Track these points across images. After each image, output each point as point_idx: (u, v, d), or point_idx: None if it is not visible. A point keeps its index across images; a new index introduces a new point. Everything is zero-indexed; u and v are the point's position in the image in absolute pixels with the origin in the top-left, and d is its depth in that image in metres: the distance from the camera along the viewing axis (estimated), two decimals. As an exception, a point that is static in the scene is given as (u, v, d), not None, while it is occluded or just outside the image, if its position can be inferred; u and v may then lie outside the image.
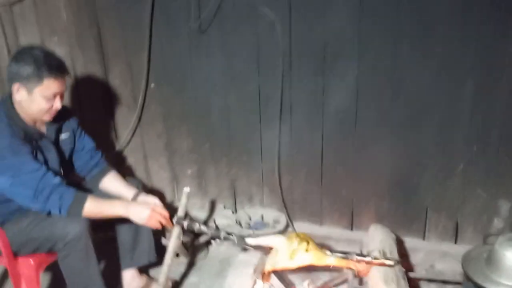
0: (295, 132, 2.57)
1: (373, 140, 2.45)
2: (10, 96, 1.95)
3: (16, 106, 1.94)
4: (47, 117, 1.98)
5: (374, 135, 2.44)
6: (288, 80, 2.45)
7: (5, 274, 2.39)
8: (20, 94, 1.89)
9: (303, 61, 2.40)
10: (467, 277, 1.82)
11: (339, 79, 2.38)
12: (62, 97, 1.98)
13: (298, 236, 1.96)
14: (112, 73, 2.74)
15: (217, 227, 2.75)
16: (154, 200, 2.13)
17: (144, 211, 1.99)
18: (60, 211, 1.87)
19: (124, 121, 2.84)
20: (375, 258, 1.97)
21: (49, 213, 1.89)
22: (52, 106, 1.94)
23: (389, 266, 1.95)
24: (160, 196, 2.92)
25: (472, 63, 2.17)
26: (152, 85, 2.70)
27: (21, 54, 1.91)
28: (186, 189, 2.20)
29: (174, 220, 2.11)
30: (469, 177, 2.37)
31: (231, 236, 2.07)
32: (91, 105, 2.78)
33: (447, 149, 2.36)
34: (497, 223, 2.39)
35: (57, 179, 1.91)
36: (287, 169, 2.66)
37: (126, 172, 2.88)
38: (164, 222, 2.04)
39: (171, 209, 2.18)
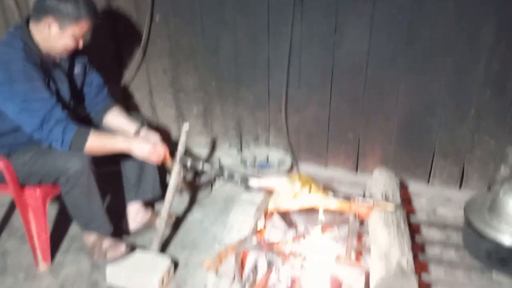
0: (304, 72, 2.49)
1: (384, 82, 2.38)
2: (27, 22, 1.93)
3: (35, 34, 1.92)
4: (66, 54, 2.01)
5: (385, 77, 2.36)
6: (299, 17, 2.33)
7: (13, 204, 2.46)
8: (50, 28, 1.89)
9: (315, -3, 2.28)
10: (468, 223, 1.83)
11: (352, 18, 2.26)
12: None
13: (300, 178, 1.96)
14: (115, 2, 2.63)
15: (221, 167, 2.76)
16: (155, 136, 2.13)
17: (146, 147, 2.00)
18: (62, 145, 1.88)
19: (129, 55, 2.76)
20: (377, 202, 1.98)
21: (50, 145, 1.90)
22: (75, 45, 1.96)
23: (390, 210, 1.95)
24: (166, 133, 2.94)
25: (494, 4, 2.03)
26: (158, 17, 2.60)
27: None
28: (186, 126, 2.20)
29: (176, 158, 2.12)
30: (479, 123, 2.32)
31: (234, 176, 2.08)
32: (94, 37, 2.70)
33: (459, 93, 2.28)
34: (504, 170, 2.36)
35: (64, 113, 1.91)
36: (294, 110, 2.62)
37: (131, 108, 2.87)
38: (163, 157, 2.06)
39: (176, 147, 2.18)
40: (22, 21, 1.98)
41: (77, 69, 2.17)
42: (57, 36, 1.90)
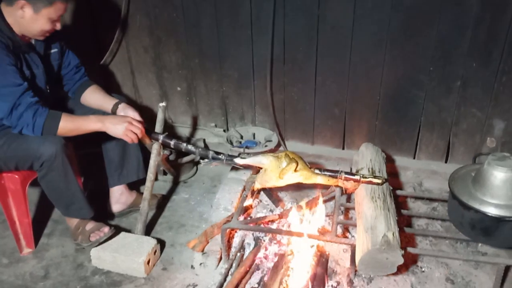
0: (289, 47, 2.45)
1: (369, 55, 2.34)
2: None
3: (7, 17, 1.85)
4: (43, 37, 1.93)
5: (370, 50, 2.33)
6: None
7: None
8: (24, 12, 1.82)
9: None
10: (453, 195, 1.82)
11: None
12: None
13: (287, 155, 1.92)
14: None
15: (206, 146, 2.73)
16: (133, 113, 2.07)
17: (121, 124, 1.94)
18: (33, 130, 1.83)
19: (107, 33, 2.68)
20: (363, 177, 1.96)
21: (20, 132, 1.85)
22: (53, 27, 1.89)
23: (377, 184, 1.94)
24: (150, 113, 2.88)
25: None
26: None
27: None
28: (162, 104, 2.17)
29: (154, 136, 2.08)
30: (466, 95, 2.30)
31: (219, 156, 2.04)
32: (68, 15, 2.62)
33: (445, 65, 2.26)
34: (490, 142, 2.36)
35: (35, 98, 1.85)
36: (279, 87, 2.58)
37: (113, 89, 2.79)
38: (140, 135, 2.00)
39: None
40: None
41: (53, 50, 2.09)
42: (32, 20, 1.83)
